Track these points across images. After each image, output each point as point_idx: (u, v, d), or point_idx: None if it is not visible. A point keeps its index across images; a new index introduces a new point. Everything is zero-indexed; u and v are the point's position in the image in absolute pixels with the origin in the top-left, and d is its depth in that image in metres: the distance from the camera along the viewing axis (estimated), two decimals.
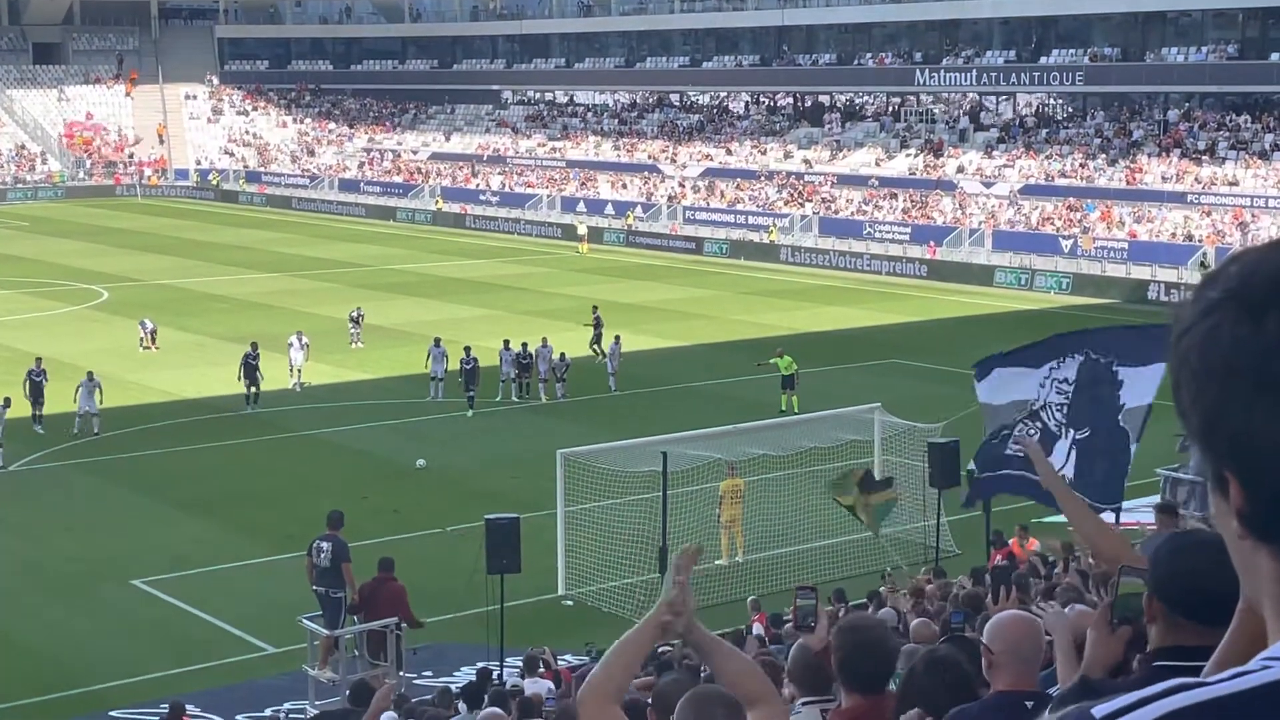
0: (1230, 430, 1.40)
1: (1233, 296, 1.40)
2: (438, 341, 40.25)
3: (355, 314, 47.34)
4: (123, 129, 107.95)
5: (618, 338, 41.93)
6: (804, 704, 6.31)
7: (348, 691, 14.93)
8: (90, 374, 36.27)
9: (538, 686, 16.28)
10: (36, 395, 35.75)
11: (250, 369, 38.32)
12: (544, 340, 40.50)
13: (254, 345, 39.32)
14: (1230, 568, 1.56)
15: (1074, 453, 15.46)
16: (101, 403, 35.78)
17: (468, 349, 38.66)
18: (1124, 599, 4.46)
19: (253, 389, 38.36)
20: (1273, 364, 1.37)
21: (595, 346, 43.47)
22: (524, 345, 39.77)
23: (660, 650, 16.07)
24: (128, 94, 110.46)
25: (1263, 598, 1.47)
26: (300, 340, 41.25)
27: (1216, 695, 1.35)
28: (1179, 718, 1.35)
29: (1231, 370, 1.39)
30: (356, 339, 46.78)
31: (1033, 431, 15.29)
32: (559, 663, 19.17)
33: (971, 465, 16.15)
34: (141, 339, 46.47)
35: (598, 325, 44.12)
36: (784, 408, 36.80)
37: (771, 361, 38.37)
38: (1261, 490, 1.40)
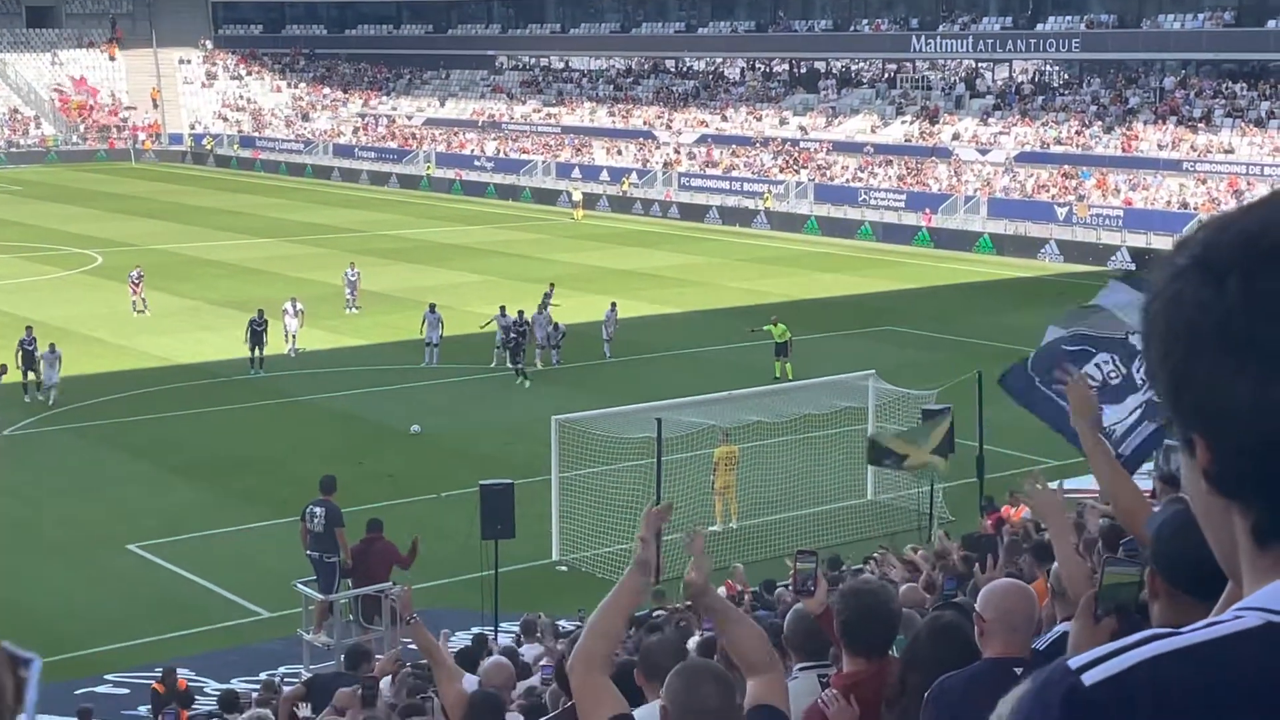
0: (1196, 392, 1.43)
1: (1197, 261, 1.44)
2: (433, 307, 40.18)
3: (351, 275, 47.25)
4: (116, 93, 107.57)
5: (614, 304, 41.88)
6: (801, 669, 6.32)
7: (342, 656, 14.98)
8: (52, 345, 35.96)
9: (535, 651, 16.33)
10: (29, 364, 35.66)
11: (257, 335, 38.37)
12: (541, 306, 40.39)
13: (260, 312, 39.25)
14: None
15: (1141, 411, 14.39)
16: (60, 373, 35.43)
17: (520, 314, 38.79)
18: (1109, 589, 4.42)
19: (257, 352, 38.41)
20: (1234, 325, 1.40)
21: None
22: (520, 313, 39.33)
23: (654, 613, 16.12)
24: (111, 57, 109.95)
25: (1233, 554, 1.50)
26: (295, 306, 41.16)
27: (1191, 643, 1.39)
28: (1155, 665, 1.38)
29: (1195, 333, 1.42)
30: (352, 304, 46.70)
31: (1110, 370, 13.81)
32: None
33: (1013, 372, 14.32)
34: (134, 302, 46.24)
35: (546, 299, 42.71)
36: (778, 374, 36.82)
37: (765, 328, 38.37)
38: (1227, 449, 1.44)
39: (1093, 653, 1.41)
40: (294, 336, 40.87)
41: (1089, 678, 1.38)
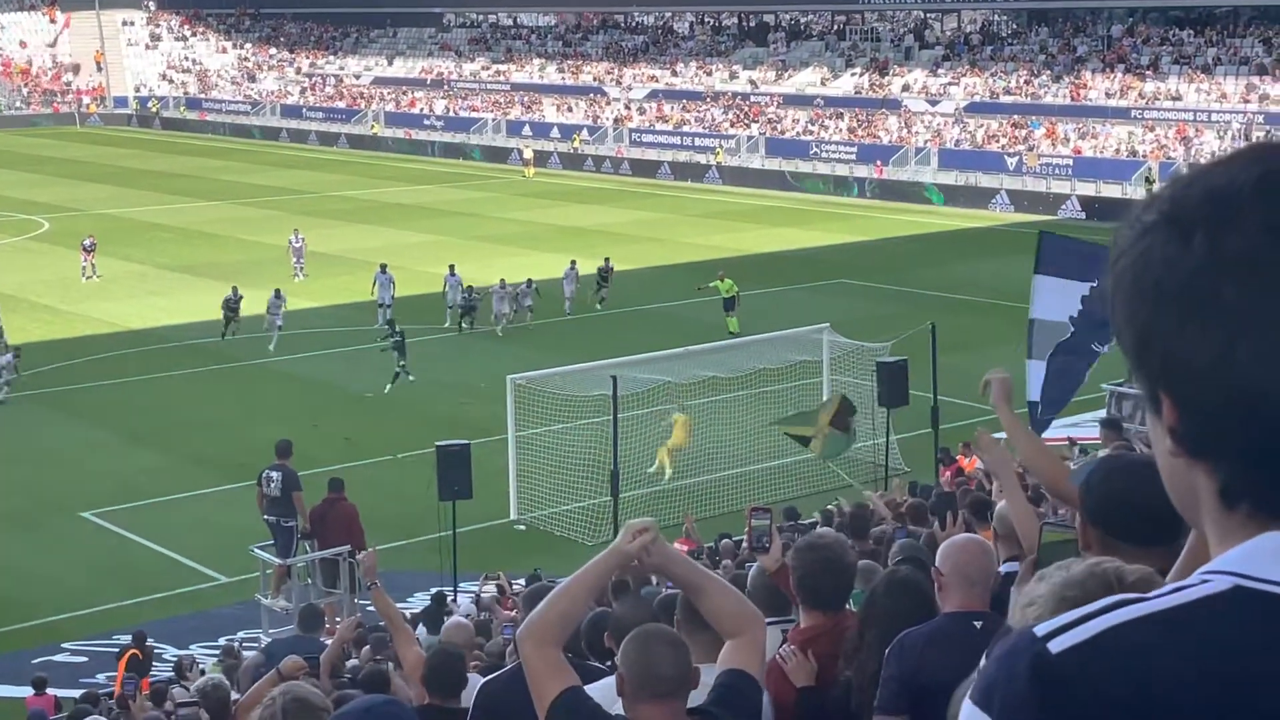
0: (1162, 350, 1.42)
1: (1165, 218, 1.43)
2: (383, 268, 39.95)
3: (296, 242, 46.09)
4: (58, 57, 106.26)
5: (574, 262, 41.72)
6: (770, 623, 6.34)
7: (296, 618, 14.90)
8: None
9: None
10: None
11: (232, 310, 37.89)
12: (501, 281, 39.57)
13: (235, 289, 38.47)
14: (1156, 487, 1.58)
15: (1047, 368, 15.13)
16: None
17: (470, 289, 38.71)
18: (1047, 548, 4.43)
19: (232, 324, 37.93)
20: (1200, 283, 1.39)
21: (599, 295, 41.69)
22: (470, 290, 38.86)
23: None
24: (52, 20, 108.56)
25: (1199, 515, 1.49)
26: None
27: (1158, 609, 1.38)
28: (1122, 632, 1.37)
29: (1162, 291, 1.41)
30: (300, 271, 45.53)
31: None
32: (513, 588, 19.24)
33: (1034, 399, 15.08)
34: (84, 268, 45.75)
35: (605, 276, 41.99)
36: (732, 330, 36.83)
37: (712, 285, 38.36)
38: (1193, 407, 1.43)
39: (1058, 620, 1.40)
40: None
41: (1055, 645, 1.37)
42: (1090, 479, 4.04)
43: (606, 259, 42.53)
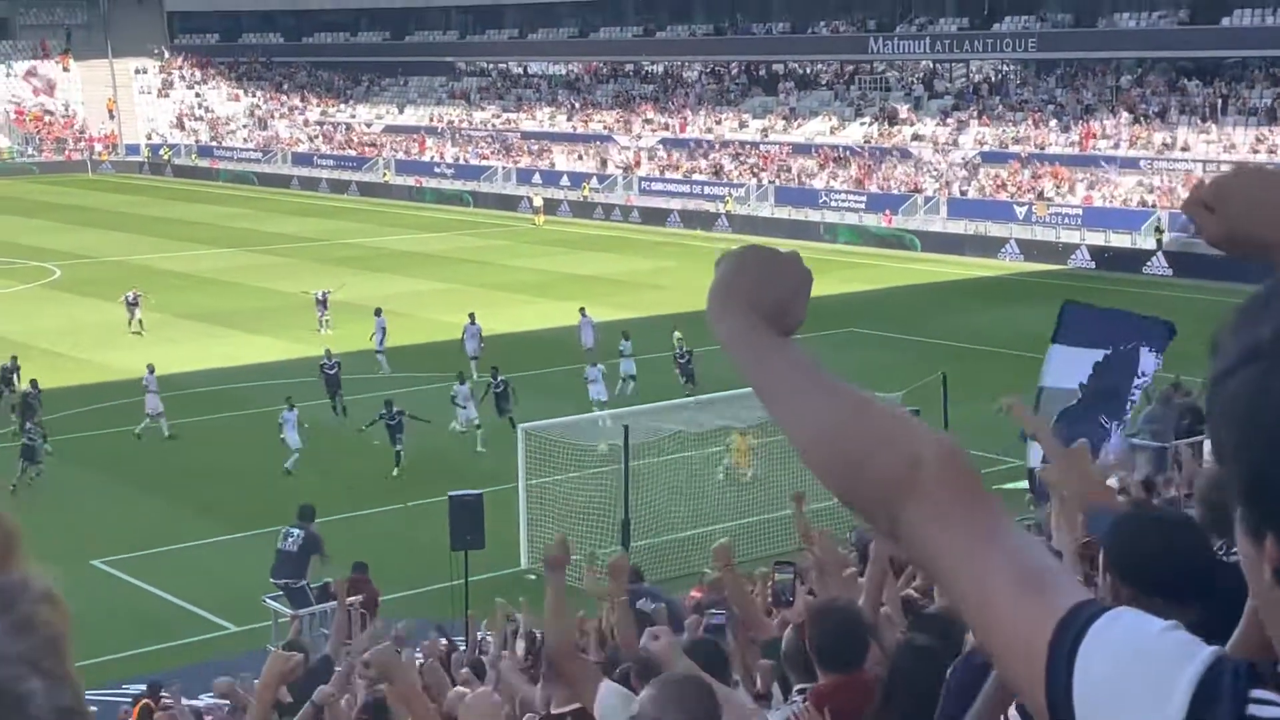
0: (1277, 491, 1.33)
1: None
2: (378, 311, 40.16)
3: (321, 295, 45.09)
4: (71, 104, 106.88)
5: (583, 309, 41.78)
6: (799, 690, 6.35)
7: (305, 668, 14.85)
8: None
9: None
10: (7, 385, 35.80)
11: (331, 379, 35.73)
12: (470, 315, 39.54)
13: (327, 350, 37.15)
14: (1189, 541, 1.56)
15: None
16: None
17: (495, 370, 34.87)
18: None
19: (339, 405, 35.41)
20: None
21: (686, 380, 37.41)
22: (502, 380, 34.24)
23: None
24: (65, 68, 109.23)
25: None
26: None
27: None
28: None
29: None
30: (325, 325, 44.56)
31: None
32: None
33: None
34: (131, 322, 44.88)
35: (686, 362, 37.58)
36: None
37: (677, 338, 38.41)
38: None
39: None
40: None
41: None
42: (1118, 536, 4.01)
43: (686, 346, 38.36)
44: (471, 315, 40.08)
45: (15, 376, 36.11)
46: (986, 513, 1.52)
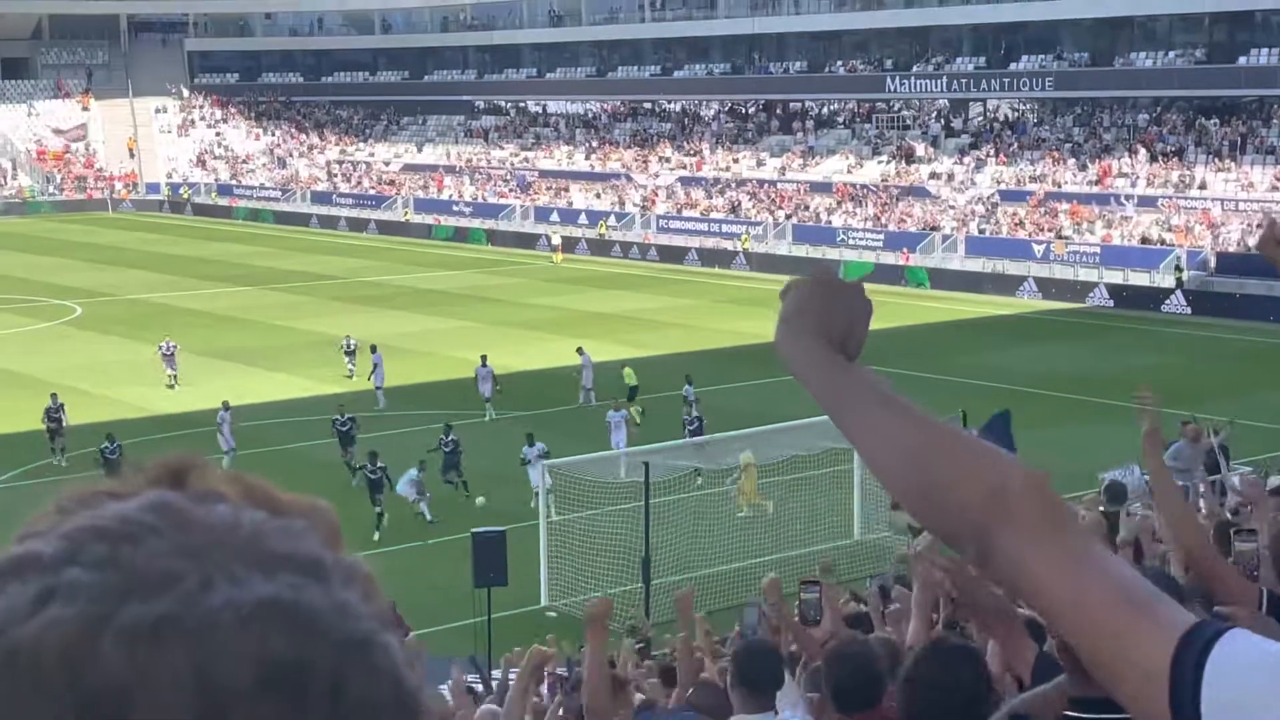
0: None
1: None
2: (374, 348, 40.35)
3: (349, 345, 44.20)
4: (92, 143, 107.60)
5: (580, 349, 41.76)
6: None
7: None
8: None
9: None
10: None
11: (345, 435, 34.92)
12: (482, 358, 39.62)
13: (341, 409, 35.90)
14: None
15: None
16: None
17: (448, 427, 33.75)
18: None
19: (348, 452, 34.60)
20: None
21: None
22: (452, 440, 32.69)
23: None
24: (85, 107, 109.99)
25: None
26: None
27: None
28: None
29: None
30: (354, 373, 43.33)
31: None
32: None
33: None
34: (168, 377, 43.05)
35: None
36: (636, 422, 35.16)
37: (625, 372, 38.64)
38: None
39: None
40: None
41: None
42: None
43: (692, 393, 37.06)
44: (483, 358, 39.89)
45: (62, 414, 36.26)
46: (1076, 535, 1.58)
